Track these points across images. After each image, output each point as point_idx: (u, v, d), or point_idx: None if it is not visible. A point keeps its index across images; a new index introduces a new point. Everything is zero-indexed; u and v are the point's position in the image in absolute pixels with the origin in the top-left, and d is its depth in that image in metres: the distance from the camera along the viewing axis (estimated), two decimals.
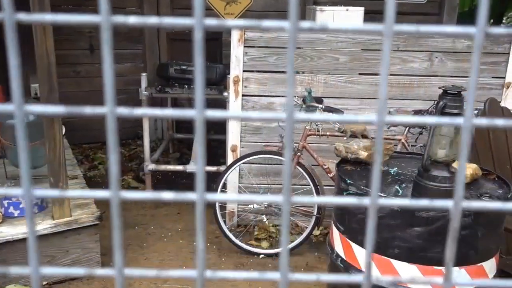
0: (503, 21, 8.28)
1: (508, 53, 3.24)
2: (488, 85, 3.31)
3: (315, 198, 0.45)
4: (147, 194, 0.44)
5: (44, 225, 2.74)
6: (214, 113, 0.40)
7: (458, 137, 1.92)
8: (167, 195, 0.43)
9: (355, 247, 1.94)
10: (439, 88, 2.03)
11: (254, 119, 0.40)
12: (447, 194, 1.90)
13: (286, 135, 0.39)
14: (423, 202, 0.43)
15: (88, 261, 2.90)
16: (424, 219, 1.86)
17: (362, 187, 1.98)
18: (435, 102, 1.98)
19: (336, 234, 2.05)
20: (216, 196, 0.52)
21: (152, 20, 0.40)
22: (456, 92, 1.89)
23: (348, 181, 1.99)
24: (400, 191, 2.00)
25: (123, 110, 0.41)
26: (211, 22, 0.38)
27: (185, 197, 0.43)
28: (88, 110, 0.41)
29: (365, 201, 0.42)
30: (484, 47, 3.26)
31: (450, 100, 1.88)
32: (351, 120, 0.45)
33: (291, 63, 0.37)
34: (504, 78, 3.29)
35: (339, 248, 2.03)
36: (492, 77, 3.32)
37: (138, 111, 0.41)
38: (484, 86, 3.30)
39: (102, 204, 3.92)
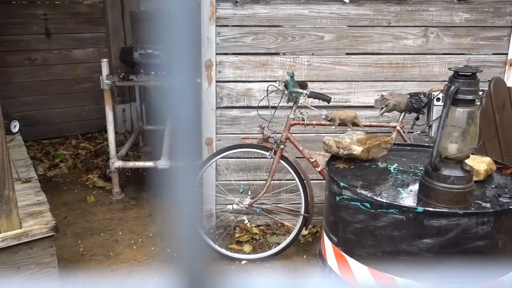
0: None
1: (511, 27, 2.92)
2: (489, 63, 2.98)
3: None
4: None
5: None
6: None
7: (472, 127, 1.59)
8: None
9: (351, 262, 1.59)
10: (449, 69, 1.69)
11: None
12: (461, 197, 1.58)
13: None
14: None
15: (44, 278, 2.50)
16: (435, 228, 1.53)
17: (359, 191, 1.62)
18: (445, 86, 1.64)
19: (328, 246, 1.69)
20: None
21: None
22: (470, 73, 1.56)
23: (341, 184, 1.63)
24: (403, 193, 1.66)
25: None
26: None
27: None
28: None
29: None
30: (483, 21, 2.92)
31: (463, 84, 1.55)
32: None
33: None
34: (507, 54, 2.96)
35: (332, 262, 1.68)
36: (493, 54, 2.99)
37: None
38: (485, 64, 2.97)
39: (63, 207, 3.51)
